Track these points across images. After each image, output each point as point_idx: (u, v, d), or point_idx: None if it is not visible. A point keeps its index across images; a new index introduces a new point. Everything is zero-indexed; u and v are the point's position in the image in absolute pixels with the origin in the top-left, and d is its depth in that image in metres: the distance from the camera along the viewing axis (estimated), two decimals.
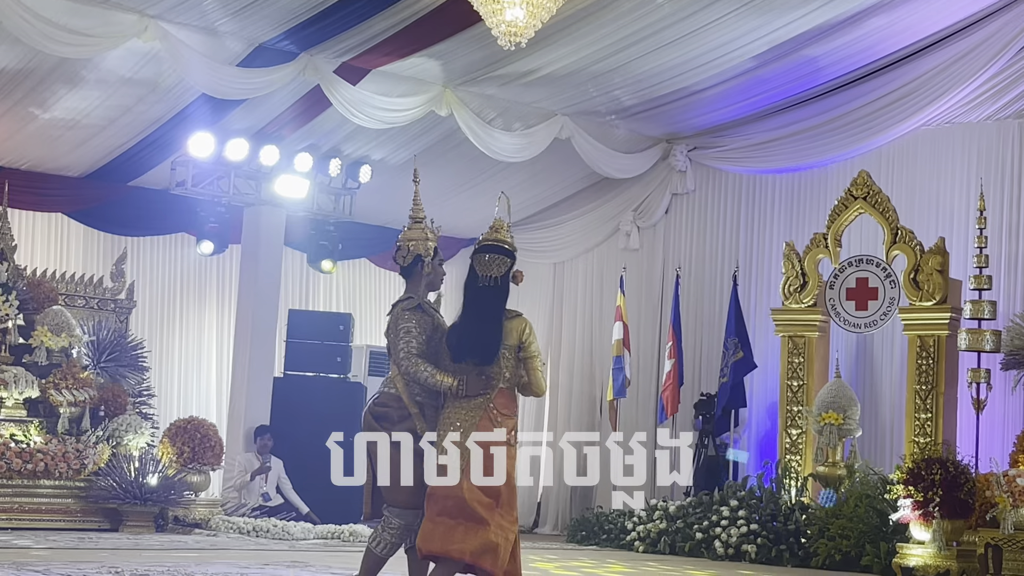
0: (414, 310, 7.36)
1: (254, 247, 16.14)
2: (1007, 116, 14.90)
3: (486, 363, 7.16)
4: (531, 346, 7.23)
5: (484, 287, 7.27)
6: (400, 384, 7.30)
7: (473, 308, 7.28)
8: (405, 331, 7.27)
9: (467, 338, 7.21)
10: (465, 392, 7.12)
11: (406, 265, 7.53)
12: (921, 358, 13.90)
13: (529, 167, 16.46)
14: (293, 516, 14.84)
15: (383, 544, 7.29)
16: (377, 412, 7.32)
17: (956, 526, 11.67)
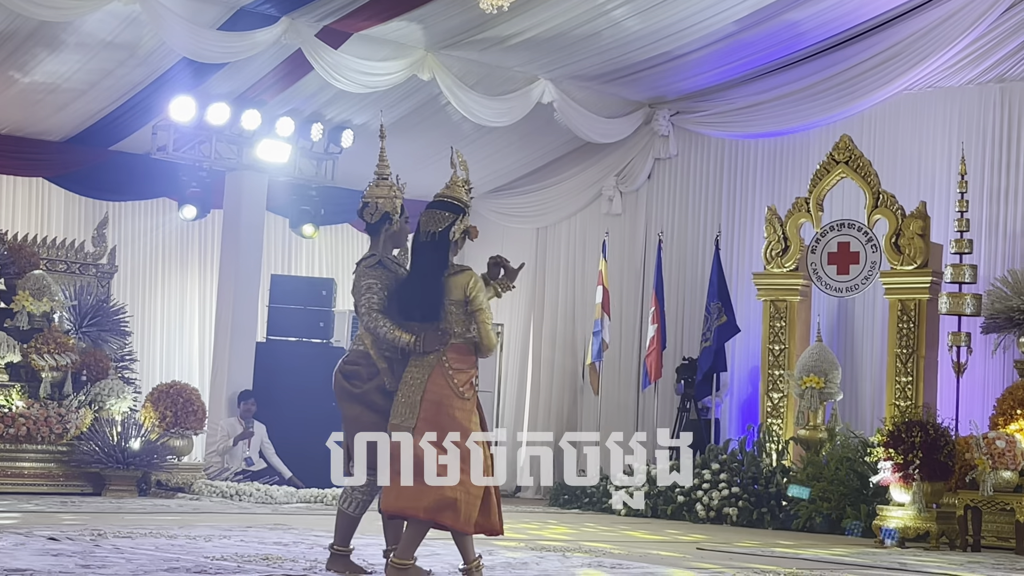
0: (375, 267, 7.36)
1: (236, 212, 16.11)
2: (988, 80, 14.93)
3: (429, 320, 7.15)
4: (476, 299, 7.14)
5: (423, 243, 7.24)
6: (368, 340, 7.31)
7: (415, 265, 7.29)
8: (367, 287, 7.27)
9: (408, 296, 7.22)
10: (423, 348, 7.12)
11: (373, 222, 7.51)
12: (902, 322, 13.96)
13: (511, 132, 16.44)
14: (276, 480, 14.87)
15: (354, 503, 7.33)
16: (347, 370, 7.34)
17: (936, 488, 11.75)
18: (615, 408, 17.12)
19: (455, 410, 7.07)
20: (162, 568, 7.18)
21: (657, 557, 9.53)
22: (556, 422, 17.81)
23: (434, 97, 15.43)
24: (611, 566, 8.60)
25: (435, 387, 7.07)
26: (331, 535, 7.65)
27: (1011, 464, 11.49)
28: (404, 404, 7.10)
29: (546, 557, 8.96)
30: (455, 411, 7.07)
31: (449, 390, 7.08)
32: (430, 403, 7.05)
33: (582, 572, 8.12)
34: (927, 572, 9.52)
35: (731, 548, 10.69)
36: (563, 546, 9.83)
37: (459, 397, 7.10)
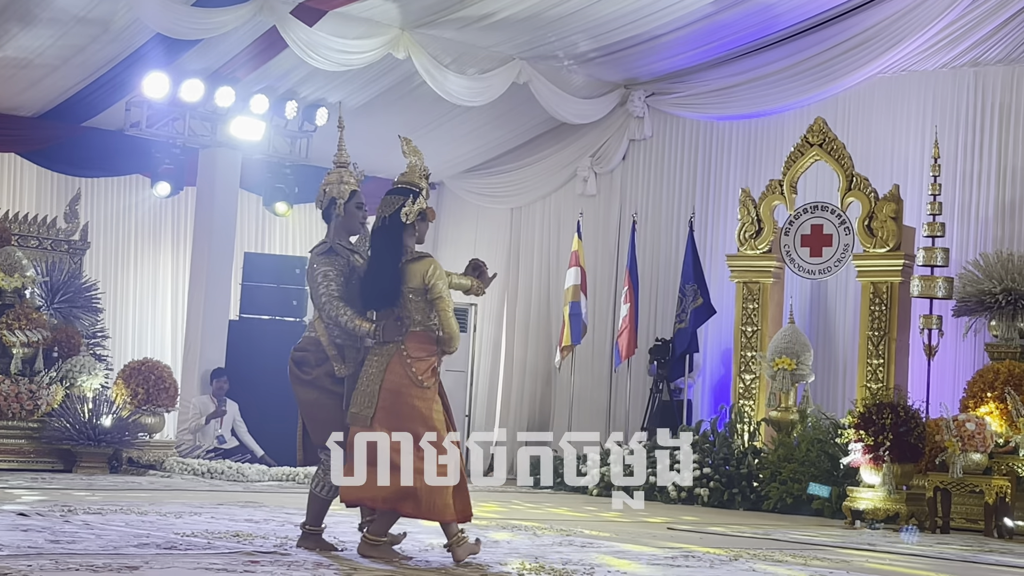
0: (326, 254, 7.37)
1: (209, 189, 16.07)
2: (962, 64, 14.96)
3: (391, 304, 7.15)
4: (435, 287, 7.14)
5: (377, 228, 7.26)
6: (320, 327, 7.33)
7: (372, 253, 7.31)
8: (323, 275, 7.28)
9: (368, 283, 7.23)
10: (382, 337, 7.12)
11: (323, 208, 7.54)
12: (874, 304, 14.01)
13: (487, 111, 16.42)
14: (248, 458, 14.87)
15: (325, 486, 7.34)
16: (297, 357, 7.37)
17: (906, 470, 11.81)
18: (588, 389, 17.15)
19: (414, 399, 7.07)
20: (132, 544, 7.18)
21: (627, 536, 9.55)
22: (529, 402, 17.83)
23: (409, 76, 15.39)
24: (581, 544, 8.63)
25: (393, 376, 7.07)
26: (302, 513, 7.67)
27: (980, 446, 11.55)
28: (363, 393, 7.11)
29: (517, 535, 8.98)
30: (414, 400, 7.07)
31: (407, 379, 7.08)
32: (388, 392, 7.06)
33: (553, 548, 8.14)
34: (896, 552, 9.57)
35: (701, 528, 10.73)
36: (534, 525, 9.85)
37: (418, 386, 7.09)
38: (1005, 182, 14.60)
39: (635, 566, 7.54)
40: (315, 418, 7.32)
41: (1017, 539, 11.37)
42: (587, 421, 16.96)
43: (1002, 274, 13.32)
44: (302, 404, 7.37)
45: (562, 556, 7.78)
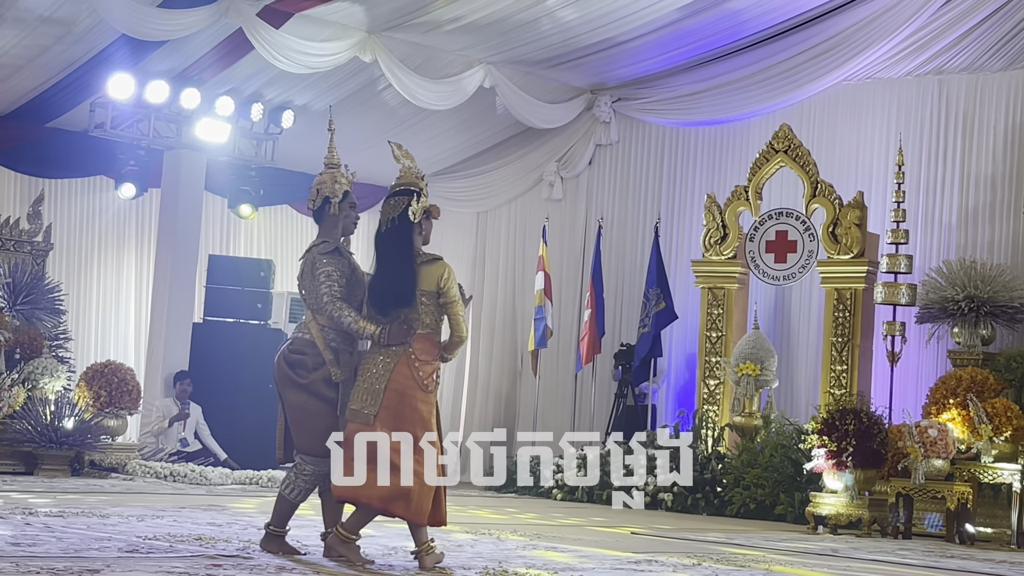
0: (331, 254, 7.32)
1: (174, 191, 16.00)
2: (927, 72, 15.05)
3: (403, 305, 7.12)
4: (450, 291, 7.15)
5: (385, 231, 7.22)
6: (315, 329, 7.27)
7: (381, 255, 7.25)
8: (326, 275, 7.23)
9: (382, 285, 7.17)
10: (387, 341, 7.10)
11: (316, 209, 7.49)
12: (838, 311, 14.07)
13: (453, 115, 16.41)
14: (211, 462, 14.81)
15: (296, 490, 7.30)
16: (292, 359, 7.28)
17: (868, 476, 11.86)
18: (553, 393, 17.16)
19: (418, 402, 7.09)
20: (93, 547, 7.13)
21: (591, 540, 9.56)
22: (495, 407, 17.84)
23: (375, 79, 15.38)
24: (545, 549, 8.62)
25: (400, 377, 7.07)
26: (265, 516, 7.62)
27: (943, 453, 11.61)
28: (366, 391, 7.07)
29: (480, 539, 8.97)
30: (417, 403, 7.09)
31: (413, 382, 7.09)
32: (393, 392, 7.05)
33: (516, 552, 8.14)
34: (858, 558, 9.60)
35: (665, 533, 10.74)
36: (498, 529, 9.84)
37: (422, 389, 7.12)
38: (968, 189, 14.69)
39: (599, 571, 7.54)
40: (302, 423, 7.25)
41: (978, 545, 11.43)
42: (552, 426, 16.96)
43: (965, 281, 13.41)
44: (290, 407, 7.29)
45: (526, 561, 7.77)
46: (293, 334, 7.45)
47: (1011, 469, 11.65)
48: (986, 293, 13.32)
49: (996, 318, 13.43)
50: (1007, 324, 13.53)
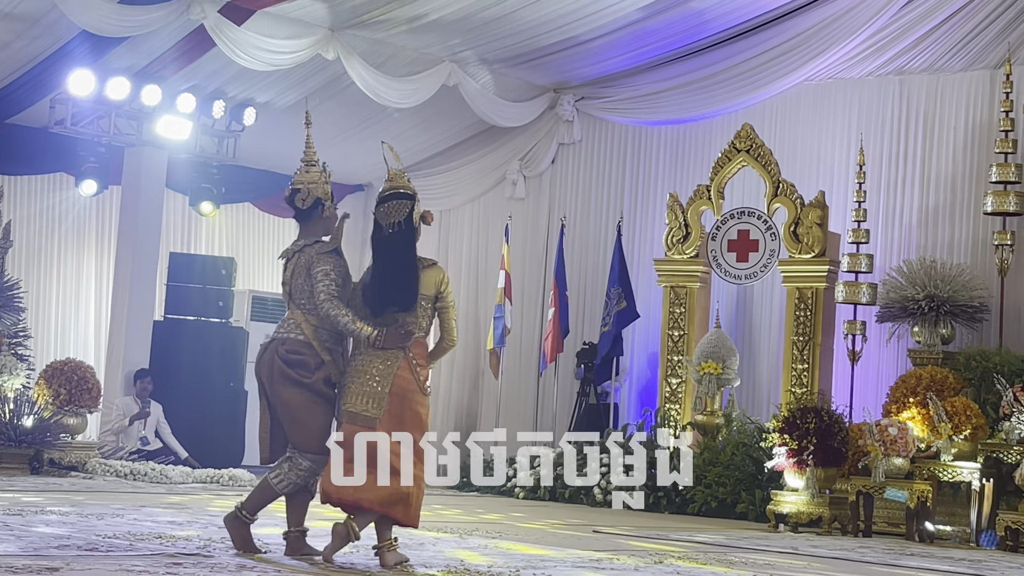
0: (330, 254, 7.29)
1: (135, 188, 15.91)
2: (888, 72, 15.14)
3: (406, 310, 7.14)
4: (448, 296, 7.24)
5: (390, 234, 7.20)
6: (308, 330, 7.24)
7: (384, 257, 7.21)
8: (323, 274, 7.20)
9: (384, 288, 7.15)
10: (383, 344, 7.11)
11: (305, 208, 7.44)
12: (799, 310, 14.13)
13: (416, 114, 16.38)
14: (171, 460, 14.74)
15: (286, 483, 7.24)
16: (291, 359, 7.22)
17: (829, 474, 11.91)
18: (515, 392, 17.16)
19: (418, 405, 7.14)
20: (53, 546, 7.09)
21: (553, 539, 9.56)
22: (456, 407, 17.83)
23: (338, 77, 15.32)
24: (507, 548, 8.62)
25: (402, 381, 7.10)
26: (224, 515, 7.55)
27: (902, 451, 11.66)
28: (366, 395, 7.07)
29: (442, 538, 8.96)
30: (418, 406, 7.14)
31: (415, 385, 7.14)
32: (396, 396, 7.08)
33: (475, 553, 8.13)
34: (818, 556, 9.64)
35: (627, 531, 10.76)
36: (460, 528, 9.83)
37: (422, 392, 7.18)
38: (929, 189, 14.78)
39: (562, 569, 7.55)
40: (302, 421, 7.19)
41: (938, 543, 11.50)
42: (514, 424, 16.95)
43: (925, 280, 13.50)
44: (288, 405, 7.21)
45: (488, 559, 7.77)
46: (280, 334, 7.33)
47: (970, 467, 11.72)
48: (946, 292, 13.40)
49: (956, 317, 13.52)
50: (967, 323, 13.62)
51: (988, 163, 13.94)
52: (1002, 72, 14.00)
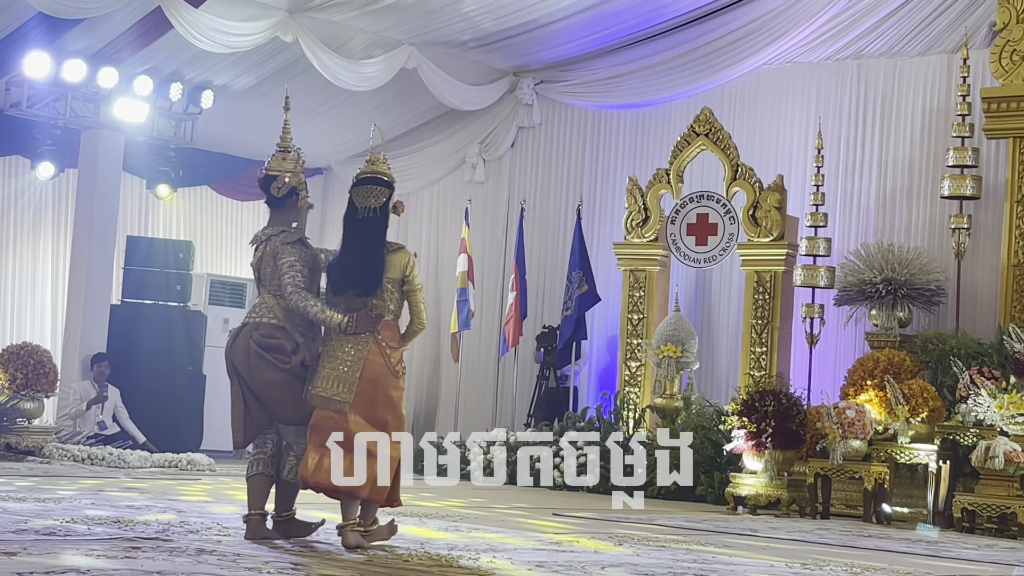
0: (295, 244, 7.30)
1: (91, 171, 15.80)
2: (846, 57, 15.19)
3: (367, 295, 7.17)
4: (414, 279, 7.28)
5: (363, 218, 7.23)
6: (281, 314, 7.24)
7: (353, 240, 7.24)
8: (289, 265, 7.20)
9: (348, 270, 7.19)
10: (355, 329, 7.14)
11: (280, 196, 7.42)
12: (758, 293, 14.19)
13: (375, 97, 16.34)
14: (129, 445, 14.66)
15: (291, 470, 7.27)
16: (267, 343, 7.22)
17: (787, 456, 11.97)
18: (475, 376, 17.16)
19: (390, 389, 7.18)
20: (10, 530, 7.04)
21: (514, 522, 9.57)
22: (416, 391, 17.79)
23: (297, 59, 15.26)
24: (466, 530, 8.63)
25: (373, 365, 7.14)
26: (183, 499, 7.53)
27: (860, 433, 11.74)
28: (336, 379, 7.10)
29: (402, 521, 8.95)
30: (391, 390, 7.18)
31: (387, 369, 7.17)
32: (368, 381, 7.11)
33: (436, 535, 8.13)
34: (777, 537, 9.69)
35: (586, 513, 10.78)
36: (419, 511, 9.83)
37: (395, 376, 7.21)
38: (886, 173, 14.85)
39: (522, 552, 7.56)
40: (287, 397, 7.22)
41: (895, 524, 11.58)
42: (475, 408, 16.99)
43: (882, 264, 13.57)
44: (269, 385, 7.22)
45: (448, 542, 7.77)
46: (253, 318, 7.33)
47: (927, 449, 11.81)
48: (903, 276, 13.48)
49: (913, 300, 13.60)
50: (924, 306, 13.70)
51: (945, 147, 14.03)
52: (959, 57, 14.08)
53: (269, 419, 7.34)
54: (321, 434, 7.04)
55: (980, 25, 14.36)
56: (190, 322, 16.14)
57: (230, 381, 7.43)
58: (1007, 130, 13.54)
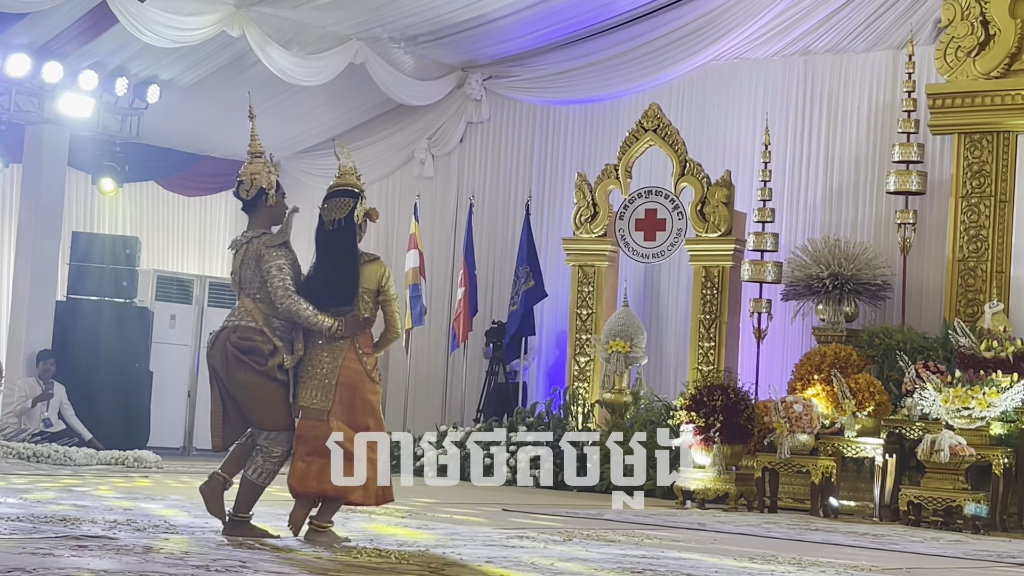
0: (280, 246, 7.31)
1: (36, 167, 15.66)
2: (793, 53, 15.27)
3: (344, 305, 7.25)
4: (390, 290, 7.40)
5: (331, 231, 7.32)
6: (259, 317, 7.23)
7: (325, 253, 7.33)
8: (277, 268, 7.21)
9: (324, 283, 7.28)
10: (344, 333, 7.23)
11: (249, 199, 7.42)
12: (706, 288, 14.25)
13: (323, 92, 16.28)
14: (75, 442, 14.55)
15: (264, 473, 7.28)
16: (245, 346, 7.21)
17: (735, 451, 12.03)
18: (424, 372, 17.14)
19: (368, 393, 7.30)
20: None
21: (462, 517, 9.56)
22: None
23: (244, 54, 15.18)
24: (416, 527, 8.61)
25: (349, 371, 7.24)
26: (130, 497, 7.50)
27: (807, 428, 11.81)
28: (315, 387, 7.23)
29: (351, 518, 8.93)
30: (368, 394, 7.30)
31: (363, 374, 7.29)
32: (345, 387, 7.23)
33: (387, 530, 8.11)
34: (725, 532, 9.73)
35: (536, 508, 10.79)
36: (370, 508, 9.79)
37: (371, 380, 7.33)
38: (833, 169, 14.95)
39: (471, 547, 7.55)
40: (263, 400, 7.22)
41: (842, 518, 11.65)
42: (424, 404, 16.97)
43: (829, 259, 13.66)
44: (246, 388, 7.21)
45: (397, 538, 7.76)
46: (231, 321, 7.32)
47: (873, 443, 11.90)
48: (849, 271, 13.57)
49: (859, 295, 13.70)
50: (870, 301, 13.80)
51: (891, 143, 14.12)
52: (904, 53, 14.18)
53: (247, 422, 7.33)
54: (306, 443, 7.16)
55: (925, 21, 14.47)
56: (136, 318, 16.03)
57: (210, 384, 7.43)
58: (952, 126, 13.65)
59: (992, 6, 13.50)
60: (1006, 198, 13.40)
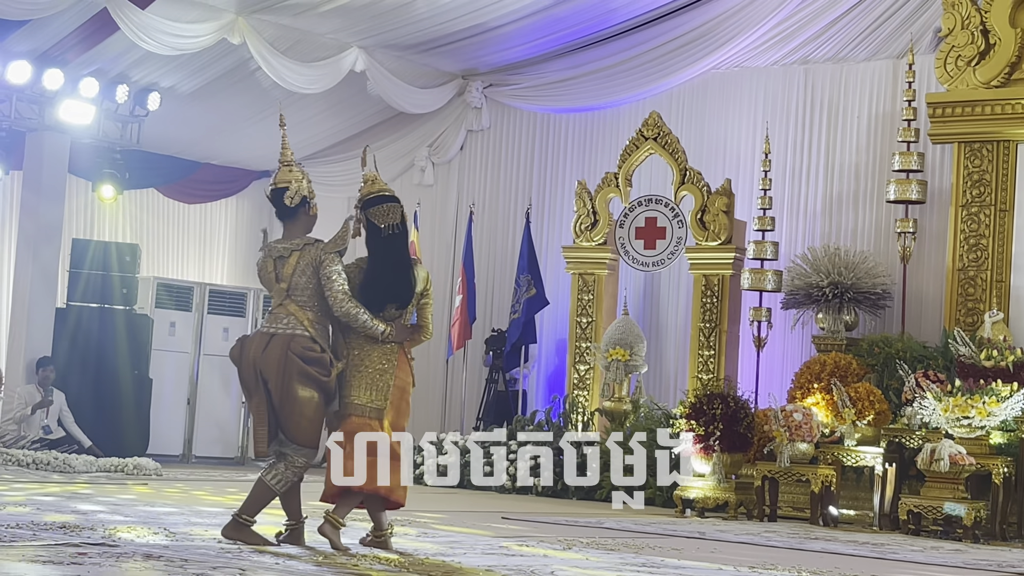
0: (337, 255, 7.38)
1: (37, 174, 15.66)
2: (793, 61, 15.29)
3: (405, 306, 7.38)
4: (430, 293, 7.53)
5: (389, 235, 7.42)
6: (309, 325, 7.26)
7: (384, 257, 7.41)
8: (337, 274, 7.29)
9: (385, 286, 7.37)
10: (395, 338, 7.35)
11: (292, 207, 7.46)
12: (706, 296, 14.25)
13: (324, 99, 16.29)
14: (75, 449, 14.55)
15: (284, 482, 7.30)
16: (310, 357, 7.23)
17: (735, 459, 12.03)
18: (424, 379, 17.12)
19: (409, 396, 7.50)
20: None
21: (462, 525, 9.56)
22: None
23: (244, 62, 15.19)
24: (416, 535, 8.61)
25: (402, 374, 7.41)
26: (129, 504, 7.49)
27: (807, 436, 11.80)
28: (369, 386, 7.31)
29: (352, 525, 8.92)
30: (408, 397, 7.50)
31: (410, 378, 7.50)
32: (397, 389, 7.39)
33: None
34: (725, 540, 9.72)
35: (535, 517, 10.78)
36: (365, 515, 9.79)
37: (412, 385, 7.55)
38: (833, 177, 14.96)
39: (470, 556, 7.55)
40: (308, 417, 7.24)
41: (841, 527, 11.65)
42: (423, 411, 16.94)
43: (829, 268, 13.66)
44: (297, 401, 7.20)
45: (398, 545, 7.76)
46: (282, 329, 7.28)
47: (873, 452, 11.89)
48: (849, 279, 13.57)
49: (859, 304, 13.70)
50: (870, 310, 13.80)
51: (891, 152, 14.13)
52: (905, 62, 14.19)
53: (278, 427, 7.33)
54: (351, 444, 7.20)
55: (925, 31, 14.49)
56: (136, 326, 16.02)
57: (248, 390, 7.38)
58: (952, 135, 13.65)
59: (992, 15, 13.51)
60: (1006, 207, 13.41)
